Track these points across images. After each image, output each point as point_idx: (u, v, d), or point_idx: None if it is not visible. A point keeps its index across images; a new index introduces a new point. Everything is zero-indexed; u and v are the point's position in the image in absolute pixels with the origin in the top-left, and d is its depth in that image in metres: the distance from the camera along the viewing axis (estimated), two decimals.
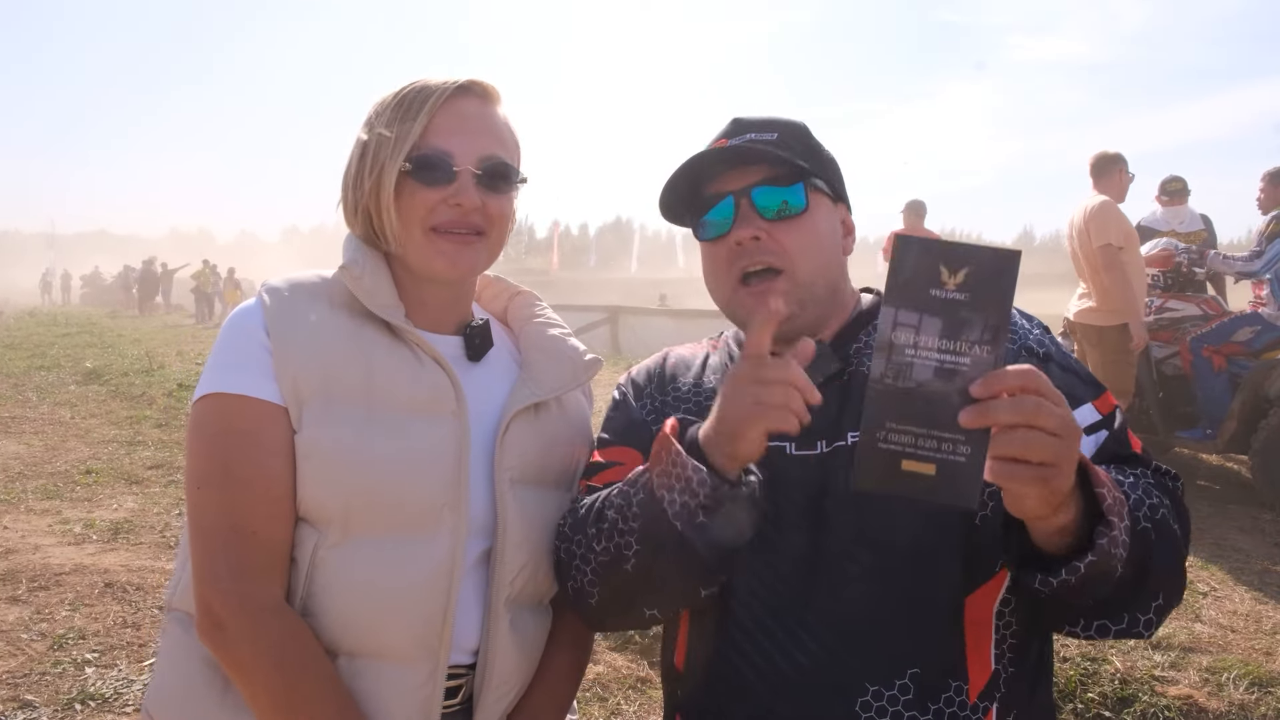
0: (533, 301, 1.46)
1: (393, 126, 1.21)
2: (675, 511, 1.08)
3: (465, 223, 1.23)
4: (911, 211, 9.25)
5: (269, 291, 1.23)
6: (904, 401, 0.89)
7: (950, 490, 0.88)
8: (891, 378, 0.90)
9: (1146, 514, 1.07)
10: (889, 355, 0.90)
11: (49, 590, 4.18)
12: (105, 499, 5.87)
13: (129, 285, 37.53)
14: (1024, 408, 0.87)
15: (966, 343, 0.88)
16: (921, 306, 0.89)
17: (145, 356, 13.32)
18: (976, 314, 0.87)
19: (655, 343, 15.14)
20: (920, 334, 0.89)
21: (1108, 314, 5.50)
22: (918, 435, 0.89)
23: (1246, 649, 3.47)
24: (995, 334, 0.87)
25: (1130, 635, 1.10)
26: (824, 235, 1.30)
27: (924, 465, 0.89)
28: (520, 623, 1.27)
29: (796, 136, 1.33)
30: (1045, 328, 1.33)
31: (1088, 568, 0.98)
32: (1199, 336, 5.81)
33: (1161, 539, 1.07)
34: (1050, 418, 0.88)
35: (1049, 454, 0.89)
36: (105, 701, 3.20)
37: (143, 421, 8.53)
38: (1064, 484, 0.93)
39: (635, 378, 1.46)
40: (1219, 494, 5.91)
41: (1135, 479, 1.14)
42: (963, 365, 0.88)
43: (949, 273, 0.88)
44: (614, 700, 3.23)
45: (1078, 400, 1.20)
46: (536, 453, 1.30)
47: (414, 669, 1.17)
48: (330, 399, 1.17)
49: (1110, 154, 5.72)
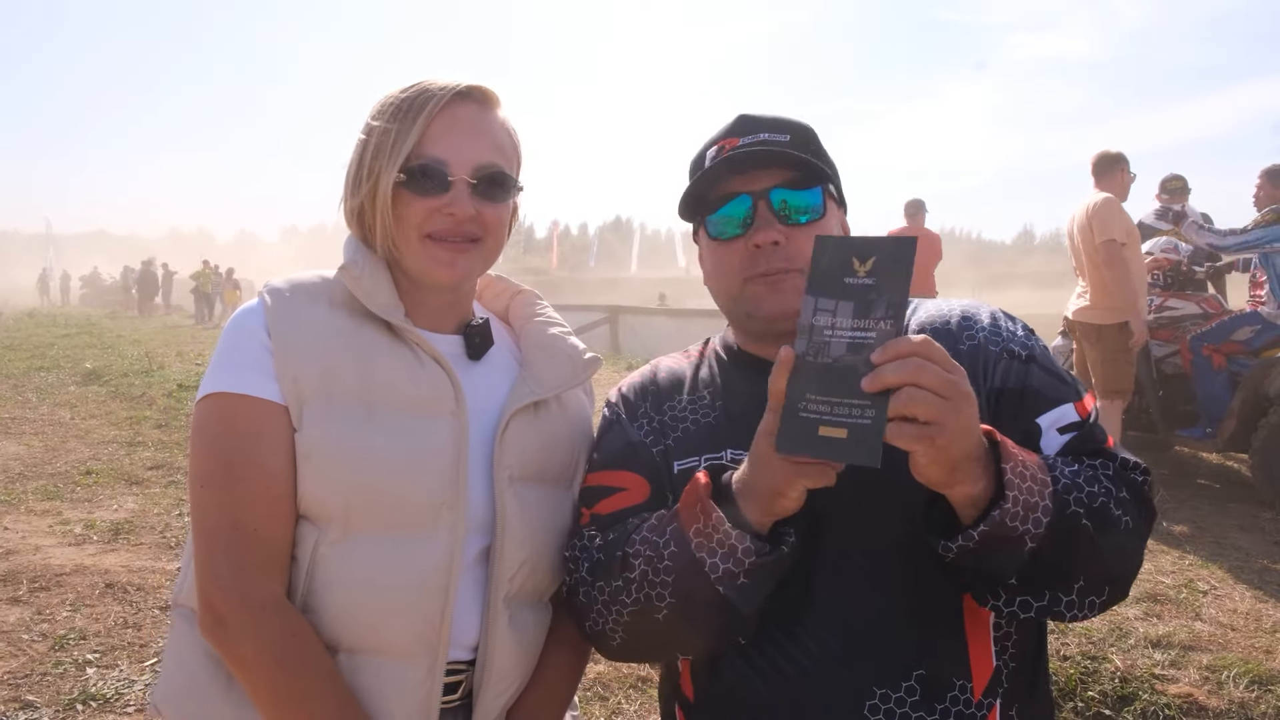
0: (534, 300, 1.46)
1: (389, 131, 1.21)
2: (718, 576, 1.09)
3: (459, 231, 1.23)
4: (912, 210, 9.27)
5: (270, 292, 1.24)
6: (821, 375, 1.00)
7: (857, 451, 0.97)
8: (811, 355, 1.01)
9: (1082, 499, 1.08)
10: (810, 337, 1.02)
11: (50, 591, 4.18)
12: (105, 500, 5.87)
13: (129, 286, 37.55)
14: (907, 368, 0.94)
15: (873, 319, 0.99)
16: (837, 293, 1.01)
17: (145, 357, 13.33)
18: (881, 295, 0.99)
19: (655, 343, 15.09)
20: (836, 316, 1.01)
21: (1106, 312, 5.50)
22: (833, 404, 0.99)
23: (1247, 647, 3.47)
24: (897, 310, 0.98)
25: (1053, 616, 1.10)
26: None
27: (837, 430, 0.98)
28: (519, 619, 1.27)
29: (808, 138, 1.32)
30: (1030, 330, 1.34)
31: (981, 536, 1.02)
32: (1199, 335, 5.81)
33: (1095, 524, 1.07)
34: (932, 377, 0.95)
35: (932, 412, 0.94)
36: (106, 702, 3.20)
37: (143, 422, 8.54)
38: (949, 443, 0.96)
39: (626, 395, 1.43)
40: (1219, 492, 5.92)
41: (1084, 468, 1.14)
42: (869, 339, 0.98)
43: (859, 262, 1.01)
44: (615, 700, 3.23)
45: (1055, 401, 1.23)
46: (536, 451, 1.30)
47: (413, 665, 1.18)
48: (330, 398, 1.17)
49: (1112, 153, 5.73)
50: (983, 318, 1.31)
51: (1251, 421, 5.48)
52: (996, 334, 1.28)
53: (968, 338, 1.27)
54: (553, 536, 1.31)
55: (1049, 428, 1.21)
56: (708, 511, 1.10)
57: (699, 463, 1.28)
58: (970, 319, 1.30)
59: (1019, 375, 1.24)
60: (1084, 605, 1.09)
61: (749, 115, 1.33)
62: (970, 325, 1.29)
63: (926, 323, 1.31)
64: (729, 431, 1.30)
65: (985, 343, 1.27)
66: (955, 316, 1.31)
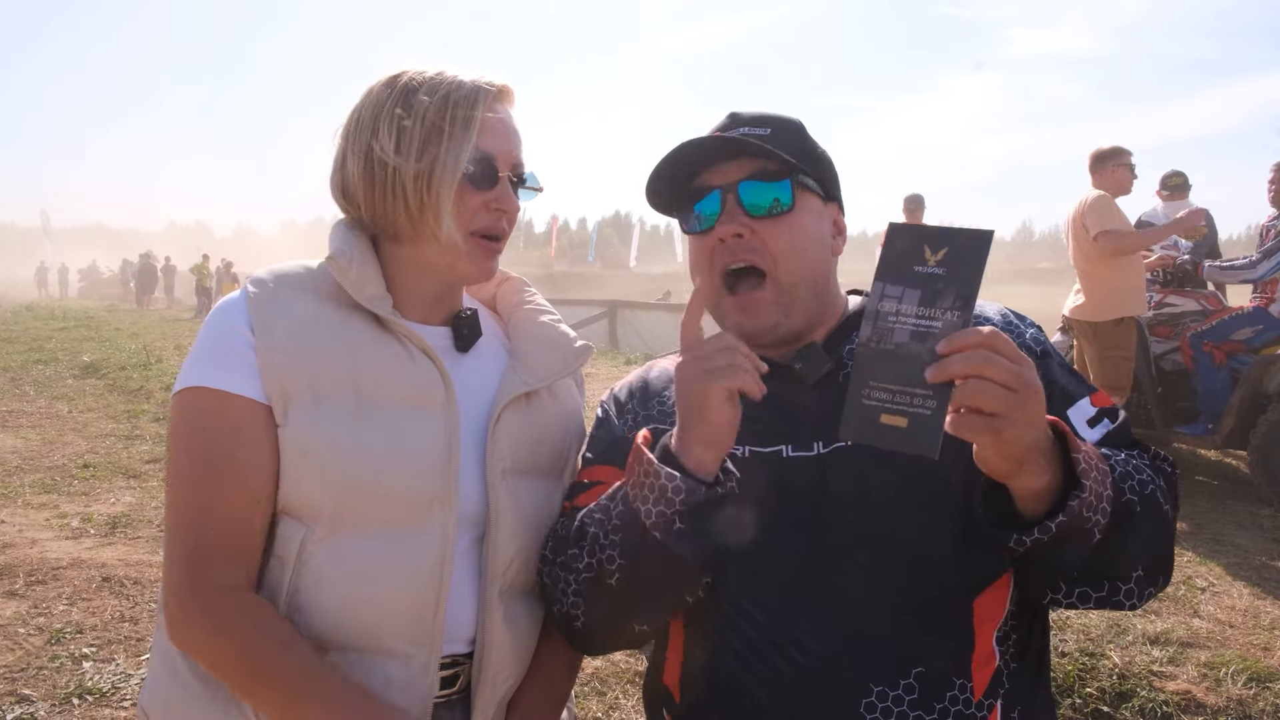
0: (521, 288, 1.45)
1: (442, 123, 1.18)
2: (653, 521, 1.09)
3: (498, 227, 1.25)
4: (910, 206, 9.26)
5: (254, 284, 1.22)
6: (885, 362, 1.00)
7: (917, 440, 0.97)
8: (875, 341, 1.01)
9: (1134, 487, 1.09)
10: (875, 322, 1.01)
11: (46, 584, 4.17)
12: (103, 493, 5.86)
13: (127, 279, 37.50)
14: (974, 360, 0.94)
15: (940, 309, 0.98)
16: (905, 280, 1.00)
17: (143, 350, 13.30)
18: (951, 285, 0.98)
19: (653, 338, 15.10)
20: (902, 303, 1.00)
21: (1101, 308, 5.50)
22: (895, 392, 0.99)
23: (1245, 644, 3.47)
24: (965, 302, 0.97)
25: (1111, 605, 1.11)
26: (811, 235, 1.28)
27: (897, 419, 0.98)
28: (514, 612, 1.27)
29: (790, 132, 1.30)
30: (1039, 327, 1.34)
31: (1059, 527, 1.01)
32: (1200, 332, 5.80)
33: (1148, 511, 1.09)
34: (999, 370, 0.94)
35: (999, 404, 0.94)
36: (103, 696, 3.19)
37: (140, 415, 8.52)
38: (1016, 436, 0.96)
39: (617, 394, 1.44)
40: (1217, 489, 5.92)
41: (1129, 458, 1.17)
42: (935, 329, 0.98)
43: (931, 251, 1.00)
44: (612, 695, 3.23)
45: (1077, 396, 1.26)
46: (529, 442, 1.29)
47: (407, 661, 1.17)
48: (318, 394, 1.16)
49: (1106, 149, 5.72)
50: (992, 316, 1.31)
51: (1250, 418, 5.47)
52: (1009, 330, 1.28)
53: None
54: (545, 528, 1.31)
55: (1080, 422, 1.23)
56: (640, 457, 1.11)
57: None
58: (982, 316, 1.30)
59: (1040, 371, 1.19)
60: (1142, 594, 1.11)
61: (737, 112, 1.33)
62: (982, 322, 1.26)
63: None
64: None
65: None
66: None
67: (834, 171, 1.36)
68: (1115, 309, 5.46)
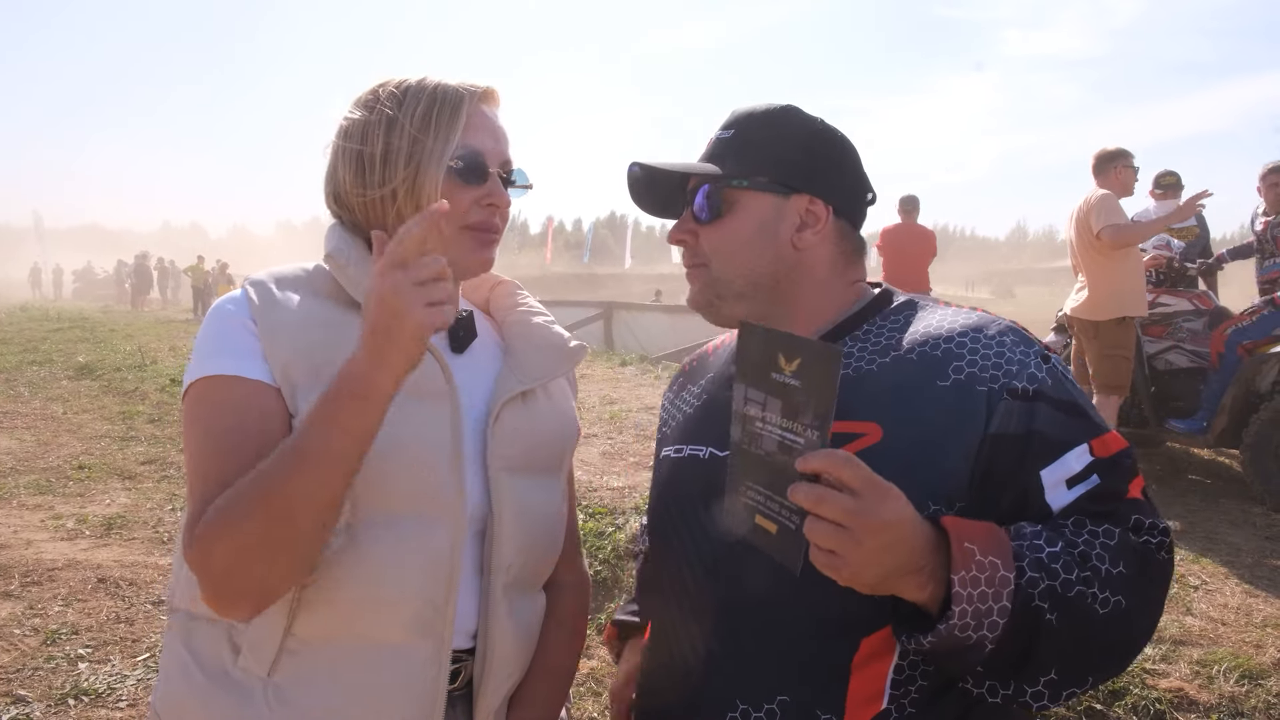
0: (514, 290, 1.47)
1: (428, 122, 1.22)
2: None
3: (492, 223, 1.27)
4: (906, 206, 9.28)
5: (252, 284, 1.23)
6: (757, 465, 0.99)
7: (783, 551, 0.96)
8: (747, 443, 1.00)
9: (1055, 588, 1.00)
10: (744, 426, 1.01)
11: (41, 585, 4.17)
12: (98, 494, 5.86)
13: (122, 280, 37.40)
14: (810, 494, 0.91)
15: (801, 424, 0.94)
16: (766, 388, 0.98)
17: (138, 352, 13.26)
18: (808, 400, 0.94)
19: (649, 339, 15.05)
20: (766, 410, 0.98)
21: (1104, 307, 5.51)
22: (767, 496, 0.98)
23: (1237, 642, 3.49)
24: (823, 420, 0.93)
25: (1020, 705, 1.04)
26: (744, 236, 1.25)
27: (769, 524, 0.98)
28: (517, 608, 1.28)
29: (755, 128, 1.27)
30: (1044, 354, 1.17)
31: (929, 645, 0.99)
32: (1241, 329, 5.70)
33: (1068, 620, 1.00)
34: (831, 507, 0.91)
35: (831, 542, 0.91)
36: (99, 696, 3.19)
37: (135, 417, 8.50)
38: (855, 574, 0.93)
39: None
40: (1210, 488, 5.94)
41: (1073, 544, 1.04)
42: (798, 444, 0.94)
43: (785, 360, 0.96)
44: (606, 694, 3.24)
45: (1065, 445, 1.10)
46: (527, 441, 1.30)
47: (418, 650, 1.18)
48: (323, 386, 1.16)
49: (1111, 151, 5.74)
50: (984, 344, 1.16)
51: (1243, 417, 5.49)
52: (996, 366, 1.13)
53: (954, 370, 1.14)
54: (545, 524, 1.32)
55: (1056, 482, 1.09)
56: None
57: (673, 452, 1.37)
58: (967, 346, 1.16)
59: (1022, 418, 1.10)
60: (1058, 695, 1.03)
61: (738, 110, 1.33)
62: (963, 354, 1.15)
63: (918, 341, 1.19)
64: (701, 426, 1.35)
65: (975, 380, 1.12)
66: (953, 341, 1.17)
67: (819, 158, 1.28)
68: (1117, 308, 5.47)
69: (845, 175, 1.30)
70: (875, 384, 1.17)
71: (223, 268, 30.39)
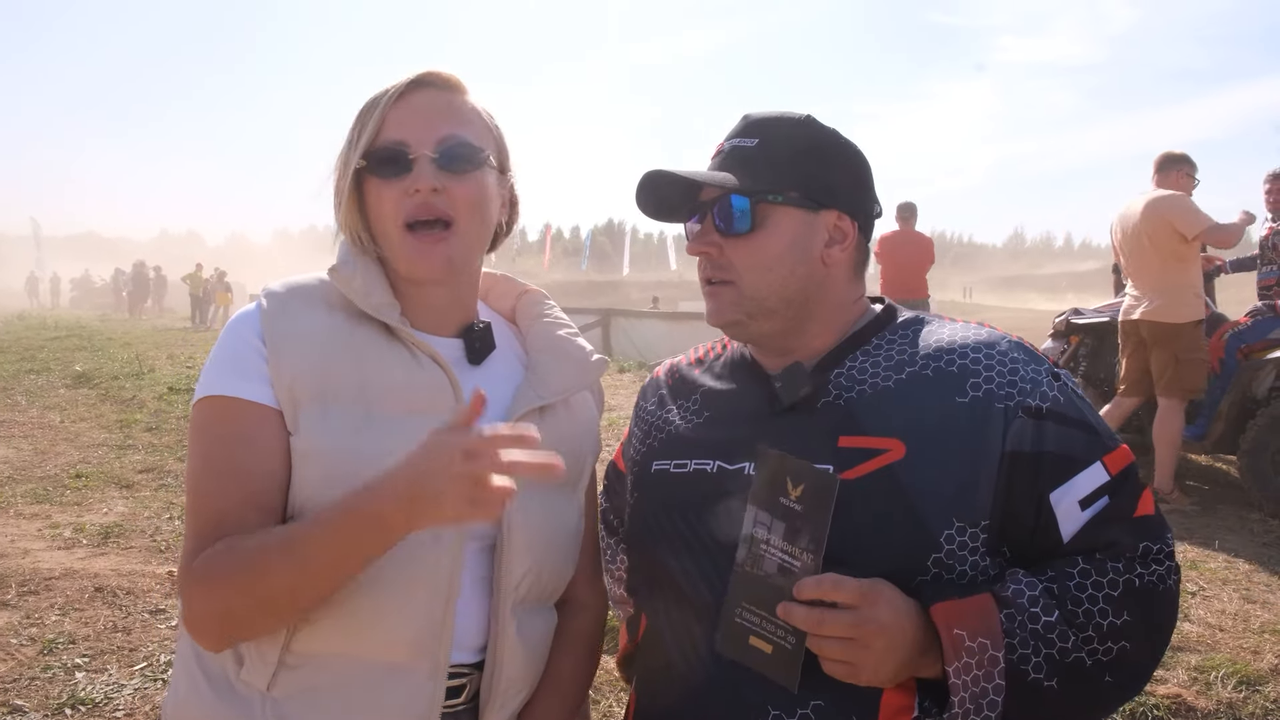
0: (540, 300, 1.44)
1: (352, 130, 1.23)
2: None
3: (431, 211, 1.20)
4: (903, 214, 9.30)
5: (267, 296, 1.24)
6: (756, 588, 1.06)
7: (779, 670, 1.04)
8: (750, 565, 1.07)
9: (1052, 656, 1.08)
10: (750, 547, 1.07)
11: (38, 594, 4.16)
12: (95, 503, 5.84)
13: (120, 288, 37.37)
14: (811, 618, 1.00)
15: (799, 549, 1.03)
16: (773, 510, 1.05)
17: (135, 360, 13.24)
18: (807, 525, 1.02)
19: (647, 345, 15.02)
20: (771, 533, 1.05)
21: (1183, 311, 5.43)
22: (762, 618, 1.05)
23: (1234, 648, 3.49)
24: (818, 545, 1.01)
25: None
26: (775, 253, 1.23)
27: (764, 644, 1.05)
28: (527, 626, 1.26)
29: (781, 142, 1.25)
30: (1054, 371, 1.20)
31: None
32: (1238, 332, 5.75)
33: (1064, 682, 1.08)
34: (834, 626, 1.00)
35: (841, 654, 1.01)
36: (95, 706, 3.18)
37: (133, 425, 8.48)
38: (872, 675, 1.03)
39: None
40: (1207, 494, 5.95)
41: (1071, 605, 1.10)
42: (795, 567, 1.03)
43: (792, 485, 1.04)
44: (605, 703, 3.23)
45: (1079, 463, 1.14)
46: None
47: (414, 670, 1.17)
48: (327, 401, 1.17)
49: (1176, 154, 5.72)
50: (997, 361, 1.18)
51: (1240, 423, 5.50)
52: (1011, 384, 1.15)
53: (973, 387, 1.16)
54: (557, 541, 1.30)
55: (1070, 503, 1.13)
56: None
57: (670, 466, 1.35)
58: (982, 362, 1.18)
59: (1034, 437, 1.13)
60: None
61: (750, 115, 1.30)
62: (979, 370, 1.17)
63: (931, 356, 1.20)
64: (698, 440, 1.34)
65: (993, 396, 1.15)
66: (967, 357, 1.19)
67: (843, 173, 1.28)
68: (1194, 311, 5.46)
69: (866, 191, 1.32)
70: (894, 400, 1.18)
71: (220, 275, 30.39)
